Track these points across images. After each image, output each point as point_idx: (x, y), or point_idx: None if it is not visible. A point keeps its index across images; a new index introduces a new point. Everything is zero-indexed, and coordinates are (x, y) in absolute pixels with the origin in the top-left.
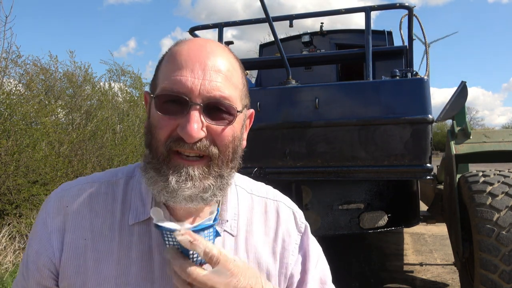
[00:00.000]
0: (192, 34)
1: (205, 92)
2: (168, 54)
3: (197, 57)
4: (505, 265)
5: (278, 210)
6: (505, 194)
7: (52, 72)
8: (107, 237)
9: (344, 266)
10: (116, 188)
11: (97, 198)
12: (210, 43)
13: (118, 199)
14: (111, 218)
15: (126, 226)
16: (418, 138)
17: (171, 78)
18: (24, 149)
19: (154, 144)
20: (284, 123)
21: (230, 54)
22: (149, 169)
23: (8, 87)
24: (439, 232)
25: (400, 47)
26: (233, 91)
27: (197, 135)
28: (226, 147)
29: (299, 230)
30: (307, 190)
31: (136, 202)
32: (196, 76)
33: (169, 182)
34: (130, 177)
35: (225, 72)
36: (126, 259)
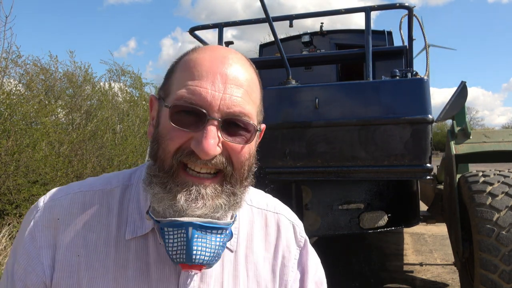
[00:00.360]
0: (192, 34)
1: (225, 107)
2: (186, 60)
3: (219, 69)
4: (505, 265)
5: (278, 223)
6: (505, 194)
7: (52, 72)
8: (102, 254)
9: (344, 266)
10: (111, 198)
11: (91, 210)
12: (233, 54)
13: (114, 211)
14: (106, 232)
15: (122, 241)
16: (418, 138)
17: (189, 88)
18: (24, 149)
19: (162, 155)
20: (284, 123)
21: (252, 68)
22: (154, 184)
23: (8, 87)
24: (439, 232)
25: (400, 47)
26: (252, 107)
27: (213, 152)
28: (241, 165)
29: (299, 245)
30: (307, 190)
31: (134, 215)
32: (217, 89)
33: (178, 201)
34: (126, 185)
35: (246, 87)
36: (123, 277)
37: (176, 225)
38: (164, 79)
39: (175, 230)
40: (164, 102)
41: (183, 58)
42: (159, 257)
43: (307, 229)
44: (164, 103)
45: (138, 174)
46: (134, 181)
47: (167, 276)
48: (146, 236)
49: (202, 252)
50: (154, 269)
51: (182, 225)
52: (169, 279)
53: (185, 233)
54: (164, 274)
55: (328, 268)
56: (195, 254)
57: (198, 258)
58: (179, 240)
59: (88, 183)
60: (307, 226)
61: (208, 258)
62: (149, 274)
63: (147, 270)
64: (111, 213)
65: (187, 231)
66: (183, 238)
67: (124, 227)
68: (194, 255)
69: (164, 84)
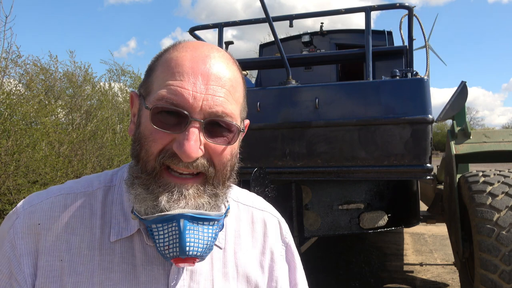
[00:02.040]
0: (192, 34)
1: (207, 107)
2: (167, 59)
3: (200, 68)
4: (505, 265)
5: (265, 220)
6: (505, 194)
7: (52, 72)
8: (86, 257)
9: (344, 266)
10: (94, 200)
11: (73, 212)
12: (214, 53)
13: (97, 213)
14: (90, 235)
15: (106, 244)
16: (418, 138)
17: (170, 88)
18: (24, 149)
19: (144, 156)
20: (284, 123)
21: (235, 65)
22: (136, 185)
23: (8, 87)
24: (439, 232)
25: (400, 47)
26: (235, 107)
27: (195, 154)
28: (223, 166)
29: (284, 242)
30: (307, 190)
31: (118, 217)
32: (199, 90)
33: (159, 201)
34: (108, 187)
35: (228, 86)
36: (109, 281)
37: (166, 219)
38: (144, 75)
39: (164, 225)
40: (144, 102)
41: (163, 55)
42: (146, 258)
43: (307, 229)
44: (144, 103)
45: (120, 175)
46: (117, 182)
47: (156, 277)
48: (131, 238)
49: (195, 244)
50: (142, 271)
51: (173, 218)
52: (158, 280)
53: (176, 226)
54: (152, 276)
55: (328, 268)
56: (189, 246)
57: (192, 250)
58: (171, 234)
59: (68, 186)
60: (307, 226)
61: (201, 250)
62: (136, 276)
63: (134, 273)
64: (94, 215)
65: (179, 223)
66: (175, 231)
67: (108, 229)
68: (187, 247)
69: (144, 82)
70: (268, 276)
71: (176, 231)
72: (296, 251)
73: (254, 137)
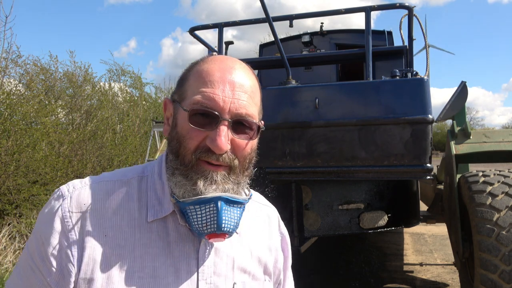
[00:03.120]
0: (192, 34)
1: (234, 109)
2: (198, 70)
3: (227, 78)
4: (505, 265)
5: (269, 214)
6: (505, 194)
7: (52, 72)
8: (127, 234)
9: (344, 266)
10: (129, 187)
11: (113, 196)
12: (238, 64)
13: (134, 198)
14: (128, 215)
15: (144, 224)
16: (418, 138)
17: (204, 94)
18: (24, 149)
19: (183, 152)
20: (284, 123)
21: (253, 75)
22: (177, 174)
23: (8, 87)
24: (439, 232)
25: (400, 47)
26: (255, 109)
27: (225, 147)
28: (245, 158)
29: (281, 232)
30: (307, 190)
31: (153, 201)
32: (227, 95)
33: (198, 185)
34: (141, 177)
35: (249, 92)
36: (148, 255)
37: (205, 201)
38: (177, 85)
39: (202, 206)
40: (180, 105)
41: (194, 67)
42: (179, 236)
43: (307, 229)
44: (181, 106)
45: (151, 168)
46: (148, 173)
47: (187, 252)
48: (165, 219)
49: (228, 222)
50: (175, 247)
51: (210, 200)
52: (190, 255)
53: (214, 207)
54: (184, 251)
55: (328, 268)
56: (224, 223)
57: (226, 226)
58: (209, 213)
59: (105, 175)
60: (307, 226)
61: (232, 227)
62: (170, 251)
63: (168, 248)
64: (131, 199)
65: (217, 204)
66: (214, 210)
67: (145, 211)
68: (223, 224)
69: (178, 89)
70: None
71: (214, 211)
72: (289, 242)
73: None
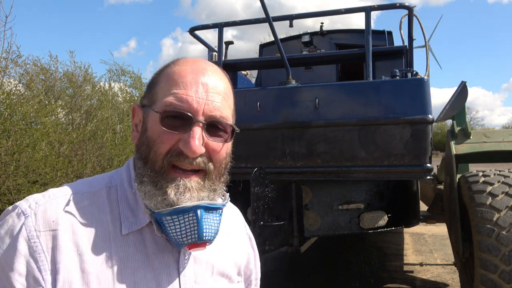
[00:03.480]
0: (192, 34)
1: (208, 111)
2: (169, 72)
3: (200, 79)
4: (505, 265)
5: (235, 217)
6: (505, 194)
7: (52, 72)
8: (103, 249)
9: (344, 266)
10: (99, 199)
11: (83, 209)
12: (211, 67)
13: (105, 210)
14: (102, 229)
15: (119, 237)
16: (418, 138)
17: (176, 96)
18: (24, 149)
19: (153, 157)
20: (284, 123)
21: (226, 77)
22: (146, 183)
23: (8, 87)
24: (439, 232)
25: (400, 47)
26: (229, 112)
27: (199, 150)
28: (220, 163)
29: (247, 233)
30: (307, 190)
31: (126, 213)
32: (201, 96)
33: (168, 195)
34: (109, 187)
35: (223, 94)
36: (127, 269)
37: (183, 211)
38: (146, 89)
39: (180, 216)
40: (151, 108)
41: (165, 70)
42: (157, 247)
43: (307, 229)
44: (151, 109)
45: (118, 177)
46: (117, 182)
47: (167, 263)
48: (141, 231)
49: (209, 230)
50: (155, 259)
51: (189, 210)
52: (170, 265)
53: (194, 216)
54: (164, 262)
55: (328, 268)
56: (205, 232)
57: (207, 235)
58: (188, 223)
59: (70, 188)
60: (307, 226)
61: (213, 234)
62: (150, 263)
63: (148, 260)
64: (102, 212)
65: (196, 213)
66: (193, 220)
67: (118, 223)
68: (204, 232)
69: (148, 93)
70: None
71: (194, 220)
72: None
73: (254, 137)
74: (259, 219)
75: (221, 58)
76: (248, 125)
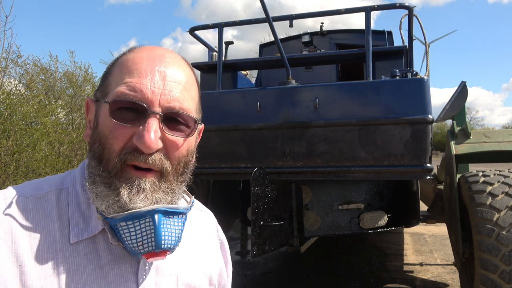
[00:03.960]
0: (192, 34)
1: (165, 102)
2: (123, 60)
3: (157, 66)
4: (505, 265)
5: (206, 221)
6: (505, 194)
7: (52, 72)
8: (49, 260)
9: (344, 266)
10: (46, 203)
11: (26, 215)
12: (170, 54)
13: (52, 215)
14: (48, 237)
15: (68, 246)
16: (418, 138)
17: (129, 85)
18: (24, 149)
19: (106, 155)
20: (284, 123)
21: (189, 67)
22: (98, 183)
23: (8, 87)
24: (439, 232)
25: (400, 47)
26: (191, 104)
27: (155, 145)
28: (178, 161)
29: (219, 237)
30: (307, 190)
31: (76, 219)
32: (157, 85)
33: (121, 196)
34: (60, 189)
35: (184, 83)
36: (76, 283)
37: (138, 216)
38: (100, 81)
39: (135, 222)
40: (103, 101)
41: (119, 58)
42: (112, 258)
43: (307, 229)
44: (103, 100)
45: (71, 178)
46: (69, 184)
47: (124, 276)
48: (94, 239)
49: (169, 237)
50: (109, 271)
51: (145, 214)
52: (127, 278)
53: (150, 221)
54: (120, 274)
55: (328, 268)
56: (164, 239)
57: (167, 243)
58: (145, 230)
59: (14, 190)
60: (307, 226)
61: (174, 242)
62: (104, 276)
63: (101, 273)
64: (49, 218)
65: (153, 218)
66: (150, 226)
67: (67, 231)
68: (163, 240)
69: (100, 86)
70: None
71: (151, 226)
72: (228, 246)
73: (254, 137)
74: (259, 219)
75: (221, 58)
76: (248, 125)
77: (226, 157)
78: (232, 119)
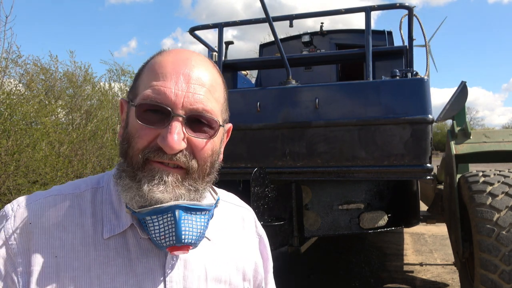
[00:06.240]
0: (193, 34)
1: (188, 104)
2: (151, 64)
3: (181, 69)
4: (505, 265)
5: (243, 215)
6: (505, 194)
7: (52, 72)
8: (81, 253)
9: (344, 266)
10: (82, 201)
11: (63, 211)
12: (195, 56)
13: (87, 212)
14: (82, 232)
15: (100, 241)
16: (418, 138)
17: (154, 88)
18: (24, 149)
19: (131, 152)
20: (284, 123)
21: (214, 69)
22: (124, 177)
23: (8, 87)
24: (439, 232)
25: (400, 47)
26: (215, 105)
27: (178, 146)
28: (204, 160)
29: (258, 233)
30: (307, 190)
31: (109, 215)
32: (180, 88)
33: (142, 185)
34: (95, 188)
35: (208, 86)
36: (106, 275)
37: (161, 210)
38: (132, 82)
39: (159, 216)
40: (131, 103)
41: (149, 61)
42: (141, 251)
43: (307, 229)
44: (131, 103)
45: (107, 178)
46: (104, 184)
47: (152, 268)
48: (124, 234)
49: (189, 232)
50: (138, 264)
51: (168, 209)
52: (154, 271)
53: (172, 216)
54: (148, 267)
55: (328, 268)
56: (184, 234)
57: (187, 238)
58: (167, 224)
59: (55, 189)
60: (307, 226)
61: (195, 238)
62: (132, 269)
63: (130, 265)
64: (84, 214)
65: (174, 214)
66: (171, 221)
67: (100, 227)
68: (183, 235)
69: (132, 87)
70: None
71: (172, 221)
72: (268, 242)
73: (254, 137)
74: (259, 219)
75: (221, 58)
76: (248, 125)
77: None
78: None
